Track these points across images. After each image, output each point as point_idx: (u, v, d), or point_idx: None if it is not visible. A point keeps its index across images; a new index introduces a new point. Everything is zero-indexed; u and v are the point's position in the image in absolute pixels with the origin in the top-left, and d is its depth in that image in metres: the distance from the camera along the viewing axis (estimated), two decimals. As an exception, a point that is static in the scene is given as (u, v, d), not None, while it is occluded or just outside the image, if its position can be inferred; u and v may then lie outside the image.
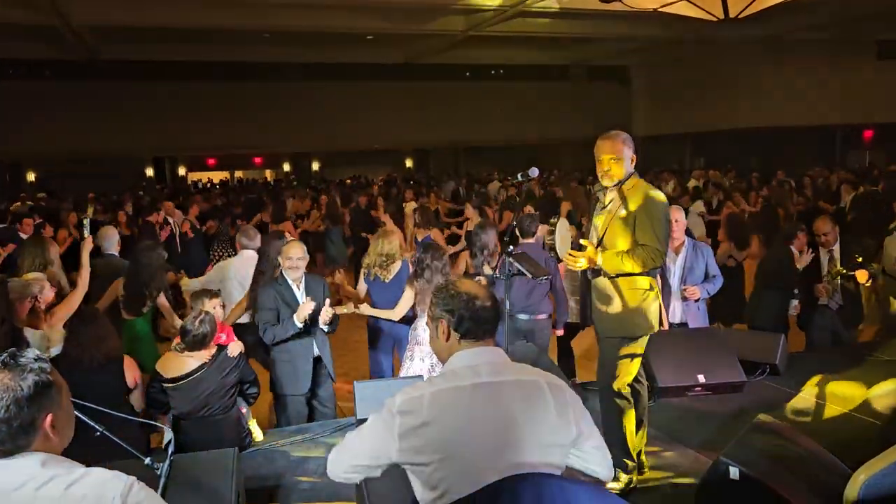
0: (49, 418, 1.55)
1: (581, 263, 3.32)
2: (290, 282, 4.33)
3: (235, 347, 3.86)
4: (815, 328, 5.34)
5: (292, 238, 5.14)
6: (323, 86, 22.05)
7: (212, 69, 20.88)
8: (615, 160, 3.33)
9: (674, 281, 4.95)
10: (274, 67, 21.83)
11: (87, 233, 4.52)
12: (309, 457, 3.76)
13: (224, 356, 3.75)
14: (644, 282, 3.33)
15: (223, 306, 4.45)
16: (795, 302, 5.20)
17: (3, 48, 16.60)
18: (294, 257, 4.30)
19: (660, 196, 3.36)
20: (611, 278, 3.34)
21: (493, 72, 24.56)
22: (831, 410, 4.12)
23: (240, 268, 5.36)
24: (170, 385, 3.64)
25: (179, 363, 3.67)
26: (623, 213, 3.32)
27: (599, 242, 3.39)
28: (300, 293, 4.36)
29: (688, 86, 21.46)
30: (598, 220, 3.46)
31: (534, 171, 3.54)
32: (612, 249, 3.33)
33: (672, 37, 16.99)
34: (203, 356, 3.69)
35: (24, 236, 7.95)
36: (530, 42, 18.57)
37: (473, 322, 1.91)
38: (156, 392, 3.70)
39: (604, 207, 3.45)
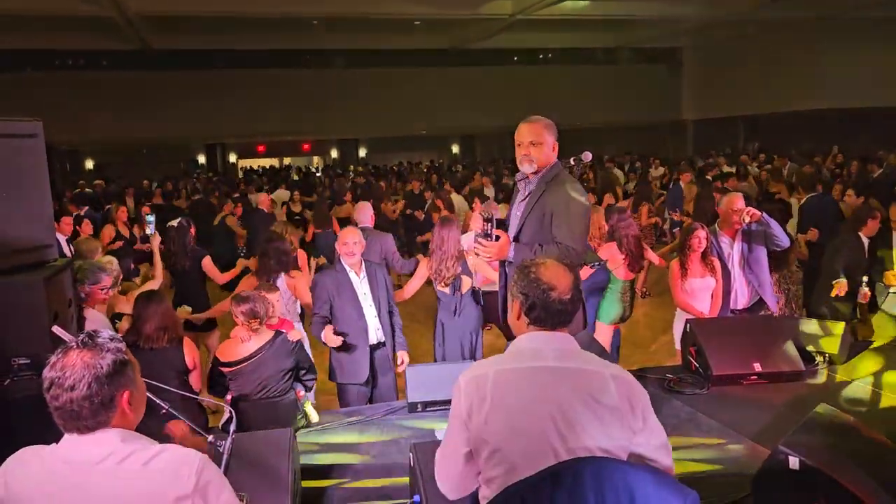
0: (126, 395, 1.63)
1: (488, 254, 3.08)
2: (347, 268, 4.29)
3: (294, 334, 3.96)
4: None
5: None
6: (370, 72, 22.14)
7: (261, 57, 21.21)
8: (535, 145, 3.18)
9: (734, 266, 4.83)
10: (322, 54, 22.05)
11: (151, 229, 4.49)
12: (361, 439, 3.81)
13: (281, 341, 3.85)
14: None
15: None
16: (866, 290, 5.00)
17: (62, 39, 17.20)
18: (350, 241, 4.26)
19: (580, 193, 3.18)
20: None
21: (540, 56, 24.29)
22: (894, 402, 3.98)
23: None
24: (228, 369, 3.76)
25: (237, 348, 3.79)
26: (542, 205, 3.14)
27: (517, 235, 3.20)
28: (360, 280, 4.31)
29: (741, 67, 20.83)
30: (518, 212, 3.28)
31: (587, 156, 3.46)
32: (526, 243, 3.14)
33: (725, 17, 16.53)
34: (259, 340, 3.79)
35: (61, 238, 7.92)
36: (578, 25, 18.30)
37: (545, 311, 1.87)
38: (217, 376, 3.83)
39: (524, 199, 3.27)
